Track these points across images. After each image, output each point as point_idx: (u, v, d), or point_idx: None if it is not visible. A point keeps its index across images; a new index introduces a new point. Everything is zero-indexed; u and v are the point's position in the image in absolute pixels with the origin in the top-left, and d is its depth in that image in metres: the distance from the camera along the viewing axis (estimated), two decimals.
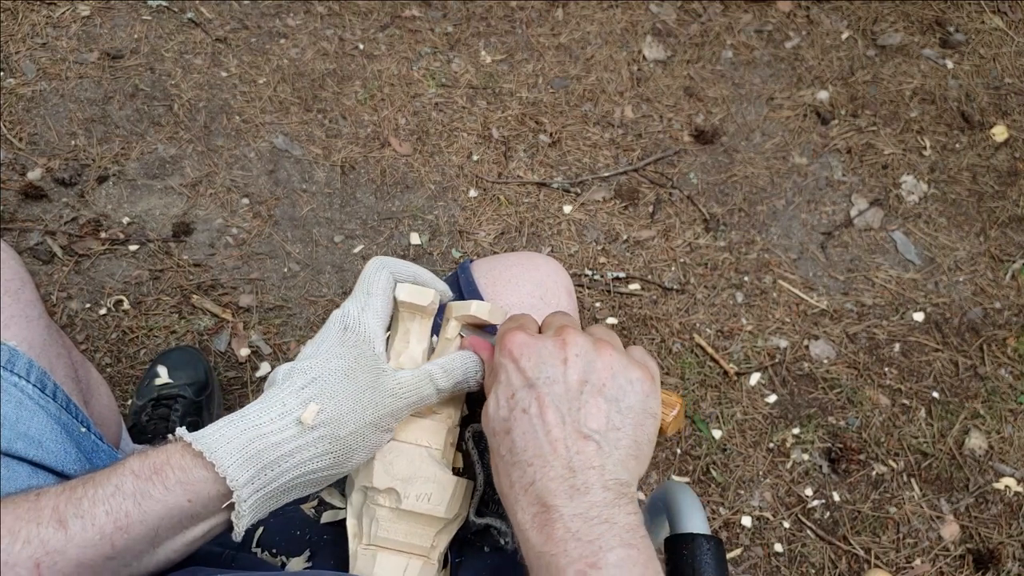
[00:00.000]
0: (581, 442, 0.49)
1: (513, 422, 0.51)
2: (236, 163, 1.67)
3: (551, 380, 0.51)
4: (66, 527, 0.49)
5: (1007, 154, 1.89)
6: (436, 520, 0.58)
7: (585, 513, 0.47)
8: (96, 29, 1.79)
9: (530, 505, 0.48)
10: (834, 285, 1.68)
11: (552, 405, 0.50)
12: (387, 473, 0.58)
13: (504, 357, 0.53)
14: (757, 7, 2.06)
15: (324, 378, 0.54)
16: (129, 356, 1.44)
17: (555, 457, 0.49)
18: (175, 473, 0.50)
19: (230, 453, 0.50)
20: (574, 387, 0.51)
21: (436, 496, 0.57)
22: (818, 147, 1.86)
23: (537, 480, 0.48)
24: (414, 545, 0.58)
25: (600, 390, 0.51)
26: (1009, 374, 1.60)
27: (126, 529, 0.50)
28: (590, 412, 0.50)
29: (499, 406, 0.52)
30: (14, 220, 1.53)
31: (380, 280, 0.59)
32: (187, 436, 0.51)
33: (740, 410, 1.52)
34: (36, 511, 0.50)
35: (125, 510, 0.50)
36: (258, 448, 0.51)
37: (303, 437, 0.52)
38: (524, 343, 0.53)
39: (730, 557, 1.38)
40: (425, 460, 0.58)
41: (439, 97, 1.82)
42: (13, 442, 0.63)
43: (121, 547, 0.50)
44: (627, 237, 1.69)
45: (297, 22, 1.88)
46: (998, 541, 1.42)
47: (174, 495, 0.50)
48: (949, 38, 2.05)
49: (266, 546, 0.67)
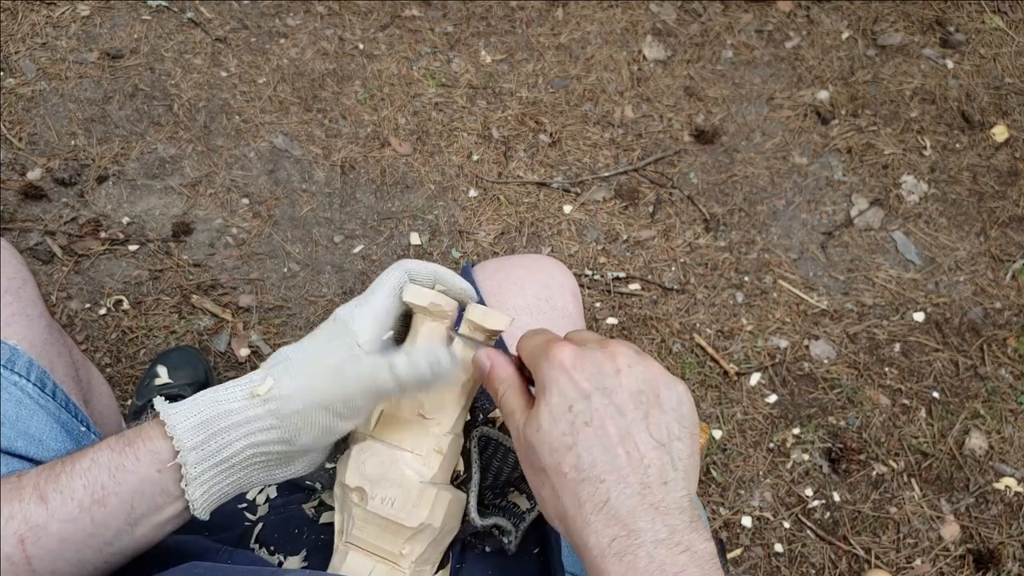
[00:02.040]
0: (651, 453, 0.47)
1: (576, 436, 0.48)
2: (236, 163, 1.67)
3: (609, 391, 0.49)
4: (47, 502, 0.51)
5: (1007, 154, 1.89)
6: (401, 528, 0.56)
7: (668, 539, 0.44)
8: (96, 29, 1.79)
9: (607, 527, 0.45)
10: (834, 285, 1.68)
11: (614, 416, 0.48)
12: (357, 471, 0.57)
13: (554, 369, 0.50)
14: (757, 7, 2.06)
15: (291, 358, 0.55)
16: (129, 356, 1.44)
17: (629, 471, 0.46)
18: (144, 444, 0.52)
19: (185, 418, 0.52)
20: (633, 397, 0.49)
21: (400, 502, 0.55)
22: (818, 147, 1.86)
23: (612, 497, 0.45)
24: (383, 549, 0.57)
25: (656, 400, 0.49)
26: (1009, 374, 1.60)
27: (103, 502, 0.51)
28: (653, 422, 0.48)
29: (555, 420, 0.49)
30: (14, 220, 1.53)
31: (389, 279, 0.58)
32: (158, 404, 0.53)
33: (740, 410, 1.52)
34: (18, 489, 0.51)
35: (101, 482, 0.51)
36: (210, 415, 0.52)
37: (254, 409, 0.53)
38: (576, 354, 0.51)
39: (730, 557, 1.38)
40: (396, 463, 0.56)
41: (439, 97, 1.82)
42: (13, 440, 0.63)
43: (100, 520, 0.51)
44: (627, 237, 1.69)
45: (297, 22, 1.88)
46: (998, 541, 1.42)
47: (144, 465, 0.51)
48: (949, 38, 2.05)
49: (264, 543, 0.67)
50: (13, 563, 0.50)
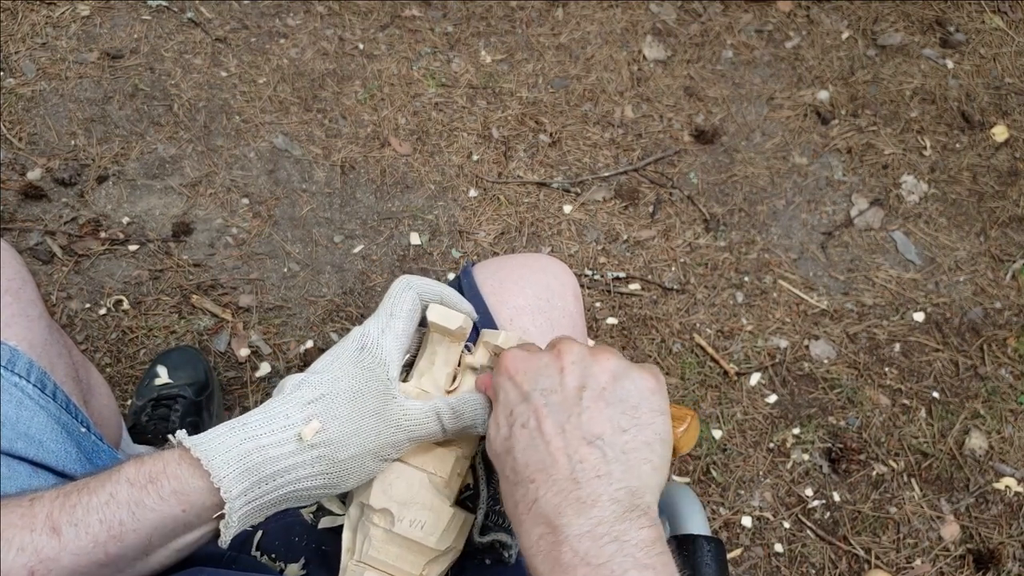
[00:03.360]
0: (584, 449, 0.47)
1: (513, 440, 0.49)
2: (236, 163, 1.67)
3: (548, 390, 0.49)
4: (60, 535, 0.49)
5: (1007, 154, 1.89)
6: (427, 549, 0.56)
7: (593, 531, 0.43)
8: (96, 29, 1.79)
9: (535, 526, 0.45)
10: (834, 285, 1.68)
11: (550, 416, 0.48)
12: (385, 493, 0.57)
13: (500, 376, 0.52)
14: (757, 7, 2.06)
15: (331, 396, 0.53)
16: (129, 356, 1.44)
17: (556, 469, 0.46)
18: (170, 483, 0.50)
19: (227, 463, 0.50)
20: (572, 394, 0.49)
21: (430, 525, 0.56)
22: (818, 147, 1.86)
23: (540, 496, 0.46)
24: (401, 570, 0.57)
25: (600, 394, 0.49)
26: (1009, 374, 1.60)
27: (120, 538, 0.50)
28: (592, 417, 0.48)
29: (499, 426, 0.50)
30: (14, 220, 1.53)
31: (405, 302, 0.57)
32: (186, 441, 0.51)
33: (740, 410, 1.52)
34: (30, 518, 0.49)
35: (119, 519, 0.49)
36: (255, 461, 0.50)
37: (301, 455, 0.51)
38: (519, 358, 0.52)
39: (730, 557, 1.38)
40: (425, 487, 0.57)
41: (439, 97, 1.82)
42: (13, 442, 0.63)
43: (115, 555, 0.50)
44: (627, 237, 1.69)
45: (297, 22, 1.88)
46: (998, 541, 1.42)
47: (168, 504, 0.50)
48: (949, 38, 2.05)
49: (266, 550, 0.67)
50: None
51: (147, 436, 1.22)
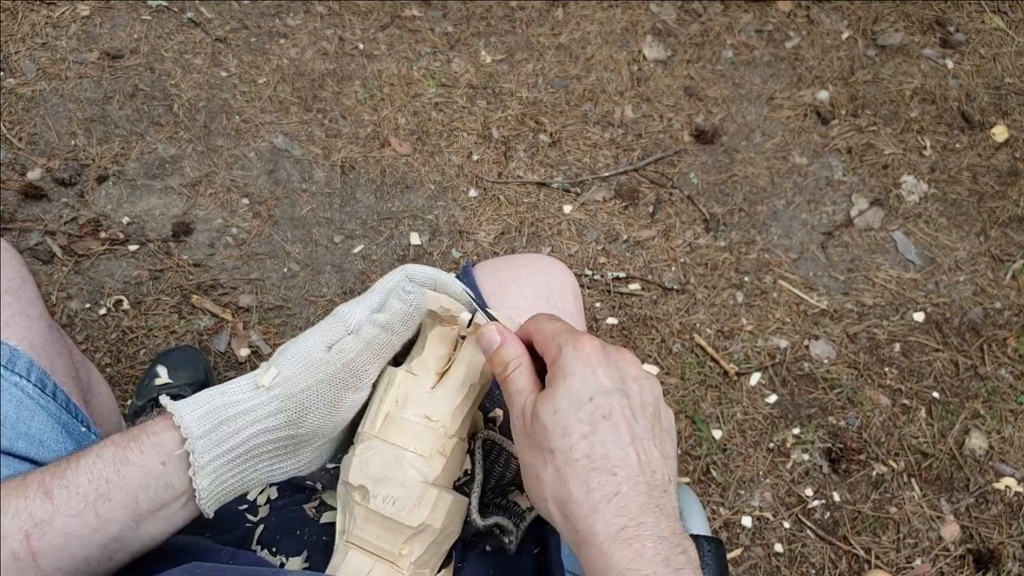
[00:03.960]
0: (657, 461, 0.50)
1: (594, 426, 0.50)
2: (236, 163, 1.67)
3: (627, 394, 0.51)
4: (52, 498, 0.52)
5: (1007, 154, 1.89)
6: (401, 527, 0.56)
7: (670, 538, 0.47)
8: (96, 29, 1.79)
9: (616, 516, 0.47)
10: (834, 285, 1.68)
11: (629, 420, 0.50)
12: (361, 470, 0.57)
13: (581, 358, 0.52)
14: (757, 7, 2.06)
15: (289, 348, 0.56)
16: (129, 356, 1.44)
17: (639, 471, 0.49)
18: (149, 438, 0.53)
19: (191, 408, 0.53)
20: (649, 408, 0.52)
21: (401, 501, 0.56)
22: (818, 147, 1.86)
23: (624, 491, 0.48)
24: (383, 549, 0.57)
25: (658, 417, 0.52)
26: (1009, 374, 1.60)
27: (107, 496, 0.52)
28: (656, 434, 0.51)
29: (574, 406, 0.50)
30: (14, 220, 1.53)
31: (388, 281, 0.59)
32: (164, 400, 0.55)
33: (740, 410, 1.52)
34: (24, 487, 0.52)
35: (105, 476, 0.52)
36: (216, 405, 0.54)
37: (258, 397, 0.54)
38: (601, 350, 0.52)
39: (730, 557, 1.38)
40: (400, 463, 0.57)
41: (439, 97, 1.82)
42: (14, 441, 0.63)
43: (104, 515, 0.52)
44: (627, 237, 1.69)
45: (297, 22, 1.88)
46: (998, 541, 1.42)
47: (148, 458, 0.53)
48: (949, 38, 2.05)
49: (267, 544, 0.67)
50: (19, 559, 0.51)
51: None
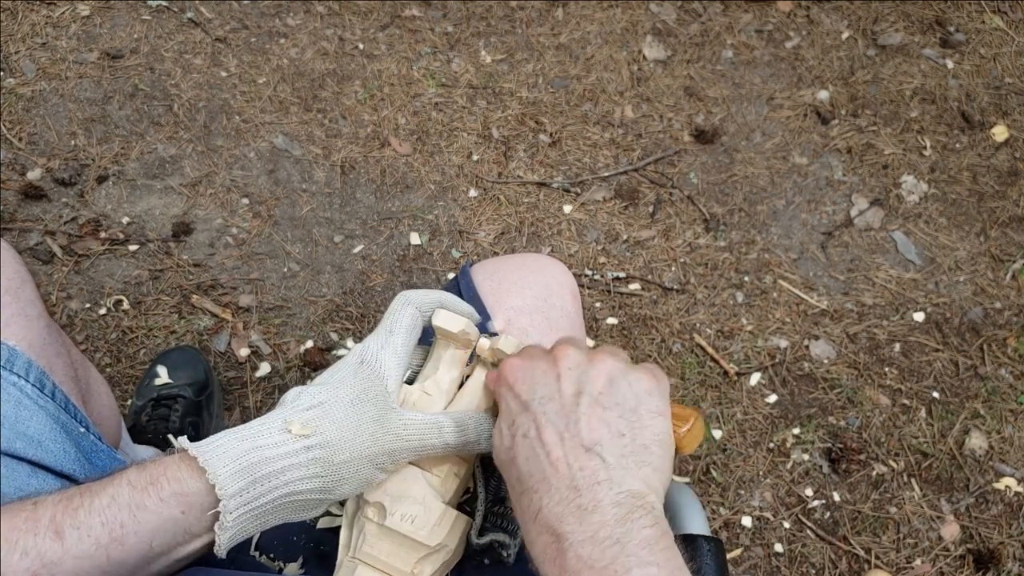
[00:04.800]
0: (583, 457, 0.47)
1: (516, 449, 0.49)
2: (236, 163, 1.67)
3: (545, 399, 0.50)
4: (63, 538, 0.49)
5: (1007, 154, 1.89)
6: (417, 545, 0.56)
7: (595, 535, 0.44)
8: (96, 29, 1.79)
9: (540, 535, 0.46)
10: (834, 285, 1.68)
11: (549, 424, 0.49)
12: (378, 487, 0.57)
13: (501, 386, 0.52)
14: (757, 7, 2.06)
15: (329, 403, 0.53)
16: (129, 356, 1.44)
17: (558, 478, 0.47)
18: (170, 484, 0.50)
19: (224, 462, 0.50)
20: (569, 401, 0.49)
21: (420, 519, 0.56)
22: (818, 147, 1.86)
23: (544, 506, 0.47)
24: (394, 567, 0.56)
25: (597, 399, 0.49)
26: (1009, 374, 1.60)
27: (121, 540, 0.50)
28: (589, 423, 0.48)
29: (503, 436, 0.51)
30: (14, 220, 1.53)
31: (404, 318, 0.57)
32: (185, 443, 0.52)
33: (740, 410, 1.52)
34: (33, 521, 0.49)
35: (120, 521, 0.50)
36: (252, 460, 0.50)
37: (297, 456, 0.51)
38: (517, 367, 0.52)
39: (730, 557, 1.38)
40: (419, 481, 0.57)
41: (439, 97, 1.82)
42: (12, 442, 0.63)
43: (116, 559, 0.50)
44: (627, 237, 1.69)
45: (297, 22, 1.88)
46: (998, 541, 1.42)
47: (168, 506, 0.50)
48: (949, 38, 2.05)
49: (264, 550, 0.67)
50: None
51: (147, 436, 1.22)
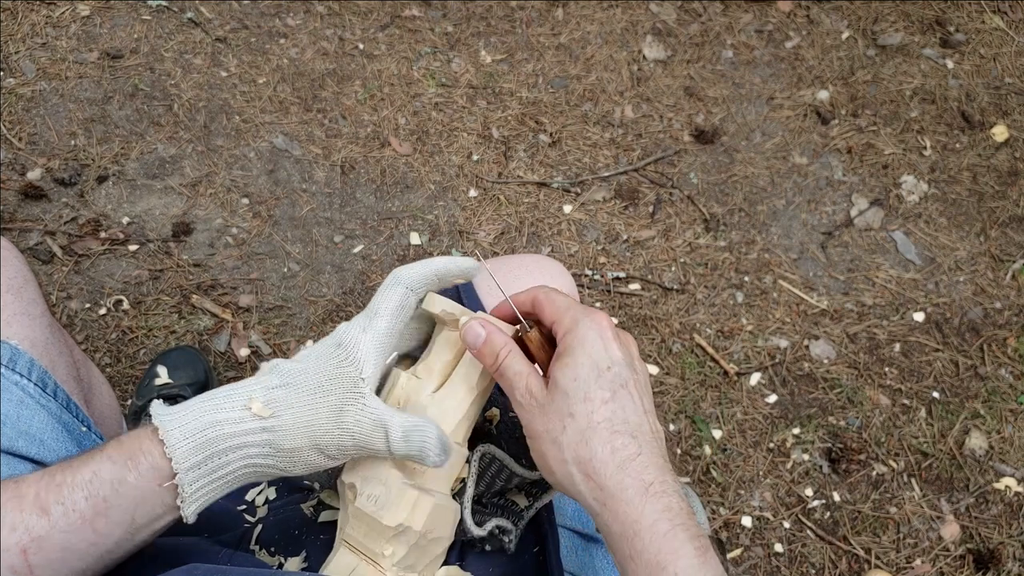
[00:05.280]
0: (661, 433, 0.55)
1: (615, 393, 0.53)
2: (236, 163, 1.67)
3: (637, 371, 0.55)
4: (49, 514, 0.51)
5: (1007, 154, 1.89)
6: (381, 526, 0.55)
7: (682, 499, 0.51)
8: (96, 29, 1.79)
9: (642, 474, 0.51)
10: (834, 285, 1.68)
11: (640, 392, 0.55)
12: (353, 468, 0.58)
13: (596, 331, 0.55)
14: (757, 7, 2.06)
15: (294, 387, 0.54)
16: (129, 356, 1.44)
17: (652, 438, 0.53)
18: (146, 458, 0.52)
19: (184, 435, 0.52)
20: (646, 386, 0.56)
21: (382, 500, 0.56)
22: (818, 147, 1.86)
23: (644, 453, 0.52)
24: (368, 548, 0.57)
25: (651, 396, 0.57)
26: (1009, 374, 1.60)
27: (105, 513, 0.51)
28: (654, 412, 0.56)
29: (596, 374, 0.53)
30: (14, 220, 1.53)
31: (391, 299, 0.56)
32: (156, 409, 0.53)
33: (740, 410, 1.52)
34: (19, 498, 0.51)
35: (103, 495, 0.51)
36: (209, 436, 0.52)
37: (254, 435, 0.53)
38: (615, 328, 0.56)
39: (730, 557, 1.38)
40: (385, 463, 0.57)
41: (439, 97, 1.82)
42: (14, 440, 0.63)
43: (102, 531, 0.52)
44: (627, 237, 1.69)
45: (297, 22, 1.88)
46: (998, 541, 1.42)
47: (146, 480, 0.52)
48: (949, 38, 2.05)
49: (265, 545, 0.67)
50: (16, 573, 0.50)
51: None
